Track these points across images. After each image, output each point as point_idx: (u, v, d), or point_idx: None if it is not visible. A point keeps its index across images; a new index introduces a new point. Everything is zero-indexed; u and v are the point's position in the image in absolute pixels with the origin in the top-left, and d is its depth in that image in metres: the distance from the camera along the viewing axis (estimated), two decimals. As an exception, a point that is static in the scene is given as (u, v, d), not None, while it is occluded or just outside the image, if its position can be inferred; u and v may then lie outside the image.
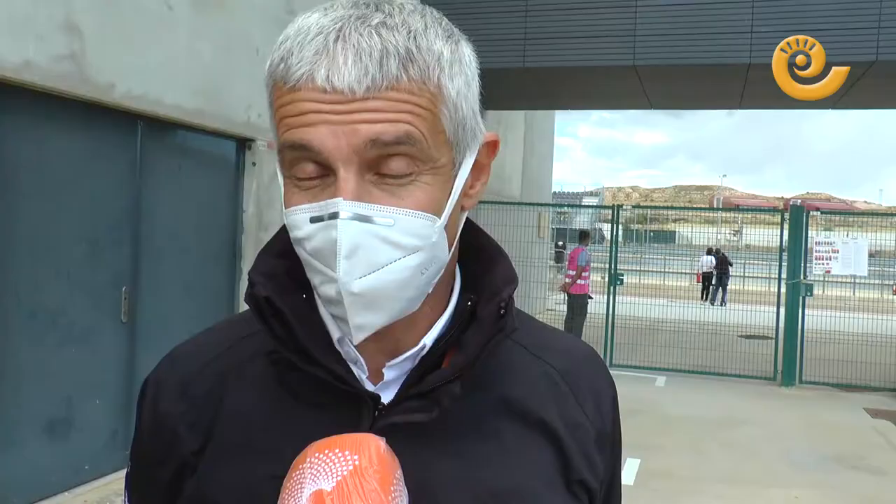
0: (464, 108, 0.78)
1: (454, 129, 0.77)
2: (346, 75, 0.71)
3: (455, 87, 0.77)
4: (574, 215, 32.32)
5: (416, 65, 0.73)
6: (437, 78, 0.75)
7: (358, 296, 0.73)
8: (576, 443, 0.88)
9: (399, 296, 0.76)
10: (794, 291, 10.46)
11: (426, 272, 0.77)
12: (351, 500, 0.69)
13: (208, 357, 0.89)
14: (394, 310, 0.76)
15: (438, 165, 0.76)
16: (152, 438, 0.89)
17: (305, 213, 0.74)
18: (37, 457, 4.93)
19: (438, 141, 0.76)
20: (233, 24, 6.42)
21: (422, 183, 0.75)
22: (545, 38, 10.04)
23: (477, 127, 0.82)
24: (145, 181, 5.73)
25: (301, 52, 0.72)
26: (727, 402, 9.34)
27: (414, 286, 0.76)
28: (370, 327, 0.76)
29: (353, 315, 0.74)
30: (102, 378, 5.40)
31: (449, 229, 0.79)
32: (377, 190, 0.73)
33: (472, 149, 0.82)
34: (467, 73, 0.79)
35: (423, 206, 0.75)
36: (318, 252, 0.74)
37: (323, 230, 0.73)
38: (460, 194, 0.80)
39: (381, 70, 0.71)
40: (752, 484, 6.22)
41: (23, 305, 4.77)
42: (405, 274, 0.75)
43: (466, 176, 0.81)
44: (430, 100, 0.74)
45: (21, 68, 4.55)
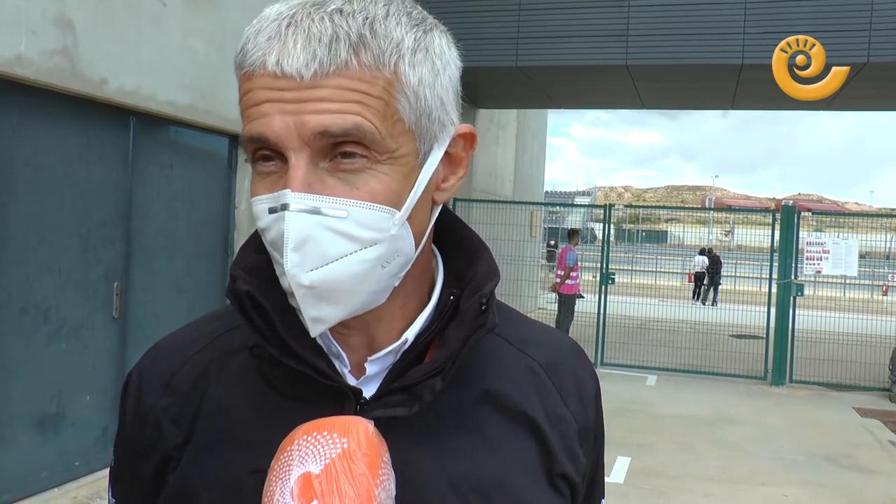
0: (427, 97, 0.77)
1: (416, 118, 0.76)
2: (294, 59, 0.71)
3: (417, 75, 0.75)
4: (566, 214, 32.37)
5: (369, 51, 0.72)
6: (393, 64, 0.73)
7: (309, 288, 0.72)
8: (559, 436, 0.88)
9: (358, 289, 0.75)
10: (785, 291, 10.51)
11: (387, 265, 0.76)
12: (339, 483, 0.69)
13: (192, 350, 0.89)
14: (354, 303, 0.76)
15: (397, 155, 0.75)
16: (135, 432, 0.89)
17: (264, 203, 0.74)
18: (27, 453, 4.91)
19: (396, 130, 0.74)
20: (226, 20, 6.41)
21: (378, 172, 0.74)
22: (538, 37, 10.06)
23: (447, 118, 0.80)
24: (138, 177, 5.71)
25: (256, 39, 0.74)
26: (718, 401, 9.37)
27: (374, 279, 0.76)
28: (327, 320, 0.75)
29: (306, 307, 0.73)
30: (93, 374, 5.38)
31: (415, 222, 0.78)
32: (331, 178, 0.73)
33: (442, 140, 0.80)
34: (435, 63, 0.78)
35: (379, 197, 0.74)
36: (274, 243, 0.74)
37: (276, 222, 0.73)
38: (428, 186, 0.79)
39: (329, 54, 0.71)
40: (741, 482, 6.25)
41: (13, 301, 4.76)
42: (362, 267, 0.74)
43: (435, 168, 0.80)
44: (385, 87, 0.73)
45: (13, 62, 4.53)
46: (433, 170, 0.80)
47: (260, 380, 0.84)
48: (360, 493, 0.69)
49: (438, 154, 0.80)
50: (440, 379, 0.79)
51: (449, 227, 0.90)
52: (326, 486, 0.69)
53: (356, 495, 0.69)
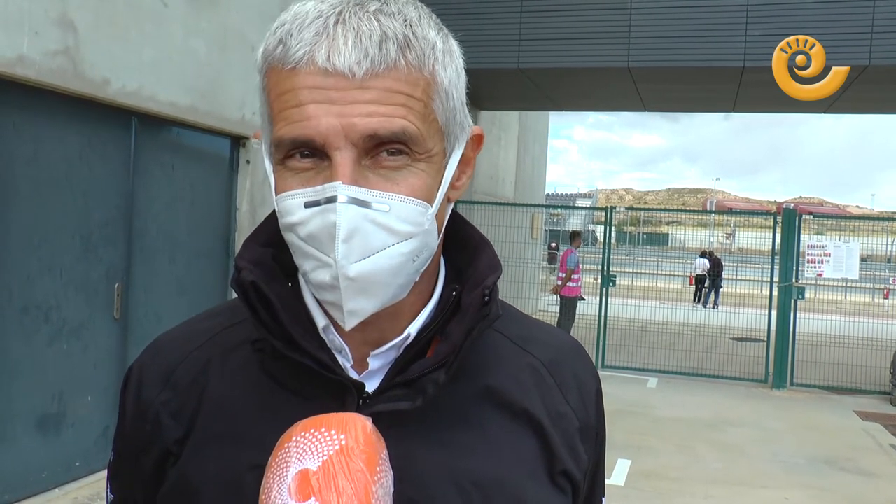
0: (454, 99, 0.80)
1: (446, 118, 0.79)
2: (346, 56, 0.71)
3: (447, 77, 0.78)
4: (567, 217, 32.38)
5: (414, 51, 0.74)
6: (431, 66, 0.76)
7: (353, 280, 0.73)
8: (560, 434, 0.88)
9: (391, 282, 0.76)
10: (786, 294, 10.50)
11: (417, 259, 0.78)
12: (336, 479, 0.69)
13: (192, 346, 0.89)
14: (386, 296, 0.77)
15: (432, 154, 0.77)
16: (135, 426, 0.89)
17: (300, 197, 0.74)
18: (28, 453, 4.91)
19: (432, 130, 0.77)
20: (228, 21, 6.42)
21: (417, 170, 0.76)
22: (540, 39, 10.07)
23: (465, 120, 0.83)
24: (139, 178, 5.72)
25: (301, 34, 0.73)
26: (718, 403, 9.36)
27: (405, 273, 0.77)
28: (362, 313, 0.76)
29: (347, 300, 0.74)
30: (94, 374, 5.39)
31: (438, 218, 0.80)
32: (373, 175, 0.74)
33: (461, 141, 0.83)
34: (457, 65, 0.81)
35: (417, 192, 0.76)
36: (313, 237, 0.74)
37: (319, 214, 0.73)
38: (449, 185, 0.81)
39: (380, 53, 0.72)
40: (742, 485, 6.24)
41: (15, 301, 4.76)
42: (398, 260, 0.75)
43: (455, 167, 0.82)
44: (425, 88, 0.75)
45: (15, 63, 4.54)
46: (454, 168, 0.82)
47: (261, 374, 0.84)
48: (358, 489, 0.70)
49: (458, 153, 0.83)
50: (443, 372, 0.79)
51: (452, 224, 0.90)
52: (324, 482, 0.69)
53: (354, 492, 0.69)
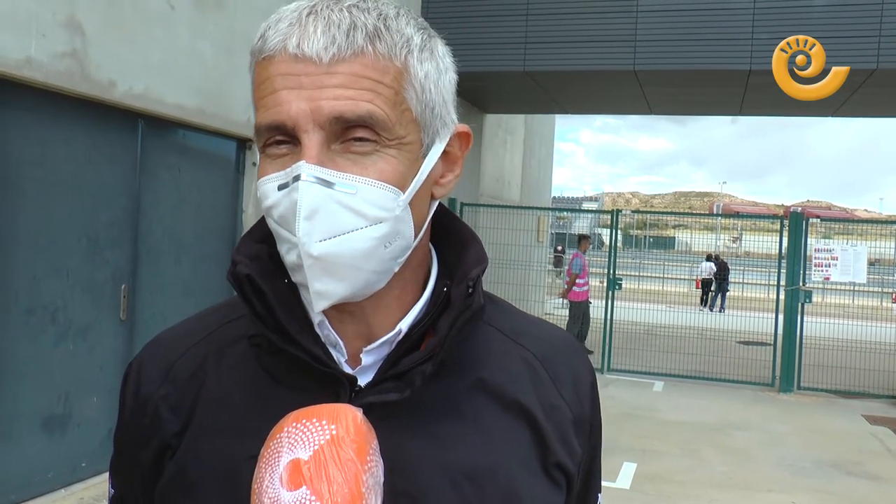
0: (432, 91, 0.81)
1: (421, 109, 0.80)
2: (314, 42, 0.75)
3: (423, 70, 0.80)
4: (573, 220, 32.35)
5: (383, 41, 0.77)
6: (403, 57, 0.78)
7: (317, 259, 0.75)
8: (553, 426, 0.89)
9: (362, 266, 0.77)
10: (793, 298, 10.47)
11: (389, 246, 0.79)
12: (327, 468, 0.71)
13: (191, 341, 0.91)
14: (357, 280, 0.78)
15: (405, 142, 0.79)
16: (134, 421, 0.91)
17: (274, 181, 0.77)
18: (34, 453, 4.93)
19: (404, 118, 0.79)
20: (234, 23, 6.44)
21: (387, 155, 0.77)
22: (546, 42, 10.07)
23: (447, 115, 0.85)
24: (145, 180, 5.74)
25: (277, 26, 0.78)
26: (725, 407, 9.33)
27: (377, 259, 0.78)
28: (331, 295, 0.77)
29: (312, 279, 0.76)
30: (100, 375, 5.40)
31: (416, 210, 0.81)
32: (342, 159, 0.76)
33: (443, 136, 0.84)
34: (439, 63, 0.83)
35: (387, 177, 0.77)
36: (283, 218, 0.76)
37: (287, 195, 0.75)
38: (429, 179, 0.83)
39: (347, 39, 0.75)
40: (748, 489, 6.22)
41: (21, 302, 4.78)
42: (368, 244, 0.76)
43: (436, 161, 0.83)
44: (395, 77, 0.78)
45: (23, 65, 4.56)
46: (434, 162, 0.83)
47: (257, 369, 0.86)
48: (349, 478, 0.71)
49: (440, 148, 0.84)
50: (430, 363, 0.81)
51: (443, 222, 0.93)
52: (315, 471, 0.70)
53: (344, 480, 0.70)
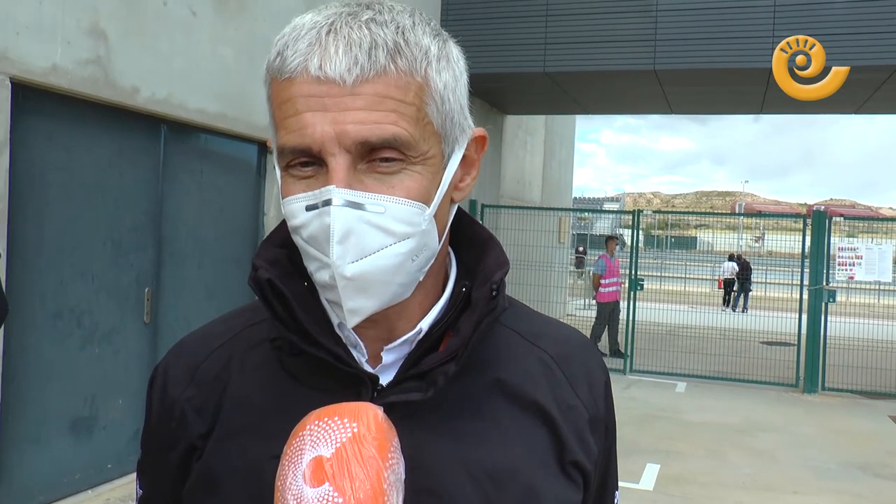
0: (451, 102, 0.82)
1: (442, 121, 0.81)
2: (337, 64, 0.74)
3: (442, 81, 0.80)
4: (595, 221, 32.22)
5: (404, 57, 0.77)
6: (424, 70, 0.78)
7: (350, 280, 0.76)
8: (569, 425, 0.90)
9: (390, 280, 0.79)
10: (816, 298, 10.37)
11: (416, 259, 0.80)
12: (349, 465, 0.72)
13: (214, 345, 0.93)
14: (386, 294, 0.79)
15: (428, 157, 0.80)
16: (161, 423, 0.93)
17: (301, 201, 0.78)
18: (61, 455, 5.00)
19: (426, 133, 0.79)
20: (255, 28, 6.49)
21: (412, 172, 0.78)
22: (565, 42, 10.05)
23: (465, 122, 0.85)
24: (168, 184, 5.80)
25: (296, 45, 0.77)
26: (748, 408, 9.26)
27: (405, 272, 0.80)
28: (363, 311, 0.79)
29: (346, 299, 0.77)
30: (125, 378, 5.46)
31: (439, 219, 0.83)
32: (368, 179, 0.77)
33: (461, 143, 0.85)
34: (455, 70, 0.83)
35: (413, 194, 0.78)
36: (314, 239, 0.77)
37: (317, 217, 0.76)
38: (449, 186, 0.84)
39: (369, 60, 0.75)
40: (773, 490, 6.17)
41: (48, 306, 4.85)
42: (396, 259, 0.78)
43: (455, 168, 0.85)
44: (417, 92, 0.78)
45: (49, 72, 4.63)
46: (454, 170, 0.84)
47: (280, 371, 0.87)
48: (371, 474, 0.72)
49: (459, 155, 0.85)
50: (453, 364, 0.82)
51: (460, 224, 0.94)
52: (337, 468, 0.72)
53: (366, 477, 0.72)
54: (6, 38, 4.36)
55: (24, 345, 4.68)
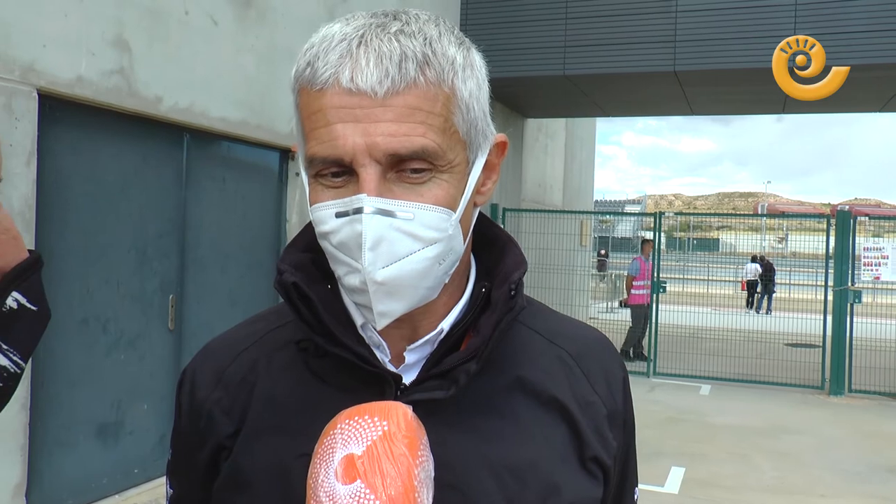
0: (475, 109, 0.84)
1: (467, 129, 0.83)
2: (368, 76, 0.76)
3: (468, 90, 0.82)
4: (616, 223, 32.07)
5: (432, 68, 0.79)
6: (451, 80, 0.80)
7: (381, 284, 0.79)
8: (588, 420, 0.92)
9: (419, 284, 0.81)
10: (841, 298, 10.26)
11: (443, 263, 0.83)
12: (381, 463, 0.74)
13: (241, 347, 0.96)
14: (414, 297, 0.82)
15: (455, 164, 0.82)
16: (190, 424, 0.95)
17: (331, 208, 0.80)
18: (89, 459, 5.06)
19: (453, 141, 0.81)
20: (276, 36, 6.54)
21: (440, 181, 0.81)
22: (585, 45, 10.04)
23: (488, 128, 0.87)
24: (191, 192, 5.85)
25: (326, 57, 0.78)
26: (773, 411, 9.18)
27: (433, 276, 0.82)
28: (392, 314, 0.81)
29: (376, 303, 0.80)
30: (150, 384, 5.52)
31: (463, 223, 0.85)
32: (397, 187, 0.79)
33: (484, 149, 0.88)
34: (478, 77, 0.85)
35: (441, 201, 0.81)
36: (344, 245, 0.79)
37: (348, 224, 0.78)
38: (473, 191, 0.86)
39: (400, 72, 0.77)
40: (800, 493, 6.12)
41: (75, 312, 4.91)
42: (425, 264, 0.80)
43: (479, 174, 0.87)
44: (445, 103, 0.80)
45: (74, 83, 4.70)
46: (478, 175, 0.86)
47: (305, 372, 0.90)
48: (401, 472, 0.74)
49: (482, 161, 0.87)
50: (475, 362, 0.84)
51: (480, 227, 0.95)
52: (369, 465, 0.74)
53: (397, 474, 0.73)
54: (33, 50, 4.44)
55: (53, 351, 4.75)
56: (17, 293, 0.67)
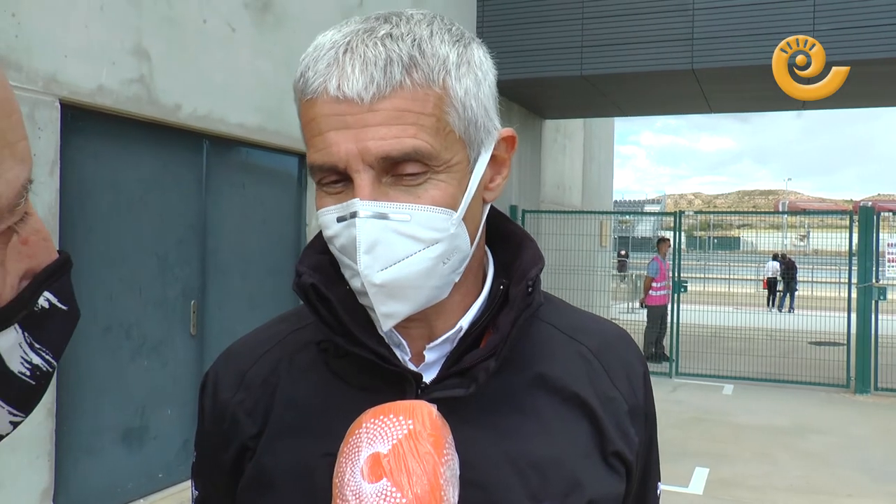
0: (473, 107, 0.83)
1: (465, 127, 0.82)
2: (354, 83, 0.77)
3: (463, 87, 0.81)
4: (636, 223, 31.94)
5: (420, 70, 0.78)
6: (442, 80, 0.80)
7: (380, 287, 0.79)
8: (610, 416, 0.92)
9: (423, 284, 0.81)
10: (865, 296, 10.15)
11: (448, 262, 0.82)
12: (406, 461, 0.74)
13: (262, 349, 0.97)
14: (419, 298, 0.82)
15: (452, 164, 0.81)
16: (214, 427, 0.96)
17: (332, 213, 0.81)
18: (114, 465, 5.10)
19: (448, 141, 0.81)
20: (293, 41, 6.58)
21: (437, 181, 0.80)
22: (602, 45, 10.01)
23: (490, 124, 0.86)
24: (211, 198, 5.90)
25: (316, 66, 0.80)
26: (798, 410, 9.10)
27: (437, 275, 0.82)
28: (397, 315, 0.82)
29: (378, 304, 0.80)
30: (174, 389, 5.56)
31: (469, 221, 0.84)
32: (393, 191, 0.80)
33: (487, 145, 0.87)
34: (477, 74, 0.84)
35: (439, 202, 0.80)
36: (344, 248, 0.81)
37: (346, 229, 0.79)
38: (478, 188, 0.86)
39: (385, 76, 0.77)
40: (826, 493, 6.05)
41: (99, 319, 4.96)
42: (427, 264, 0.80)
43: (483, 171, 0.86)
44: (436, 103, 0.79)
45: (95, 93, 4.75)
46: (482, 172, 0.86)
47: (327, 372, 0.91)
48: (427, 470, 0.74)
49: (486, 158, 0.87)
50: (494, 360, 0.84)
51: (496, 223, 0.96)
52: (395, 464, 0.74)
53: (423, 472, 0.73)
54: (55, 61, 4.49)
55: (78, 358, 4.80)
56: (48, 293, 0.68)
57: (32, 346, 0.68)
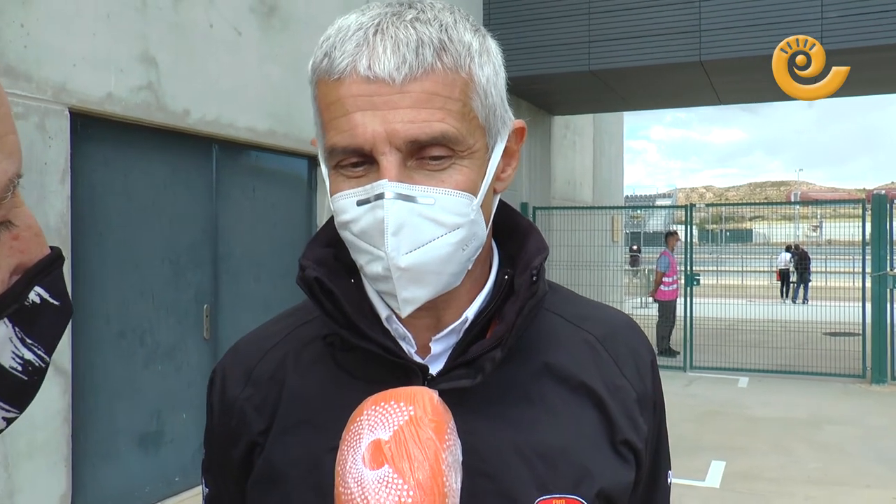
0: (493, 95, 0.83)
1: (486, 114, 0.83)
2: (385, 63, 0.76)
3: (485, 75, 0.82)
4: (648, 218, 31.84)
5: (449, 54, 0.78)
6: (468, 66, 0.80)
7: (405, 270, 0.78)
8: (618, 404, 0.92)
9: (442, 270, 0.81)
10: (880, 285, 10.08)
11: (467, 248, 0.82)
12: (408, 447, 0.74)
13: (268, 345, 0.97)
14: (439, 284, 0.82)
15: (474, 150, 0.82)
16: (222, 422, 0.97)
17: (352, 197, 0.80)
18: (131, 469, 5.13)
19: (472, 127, 0.81)
20: (300, 44, 6.59)
21: (460, 166, 0.81)
22: (609, 39, 9.99)
23: (506, 114, 0.87)
24: (222, 202, 5.92)
25: (343, 46, 0.79)
26: (814, 401, 9.04)
27: (456, 261, 0.82)
28: (417, 301, 0.81)
29: (400, 289, 0.80)
30: (188, 393, 5.58)
31: (484, 209, 0.85)
32: (417, 174, 0.79)
33: (503, 135, 0.87)
34: (494, 63, 0.85)
35: (462, 186, 0.80)
36: (365, 233, 0.79)
37: (370, 211, 0.78)
38: (493, 177, 0.86)
39: (417, 58, 0.76)
40: (844, 484, 6.02)
41: (112, 325, 4.99)
42: (448, 249, 0.80)
43: (498, 160, 0.87)
44: (462, 88, 0.80)
45: (104, 100, 4.77)
46: (497, 161, 0.86)
47: (333, 366, 0.91)
48: (429, 456, 0.74)
49: (501, 147, 0.87)
50: (499, 350, 0.84)
51: (501, 214, 0.95)
52: (396, 450, 0.74)
53: (425, 458, 0.73)
54: (65, 70, 4.52)
55: (92, 364, 4.83)
56: (39, 288, 0.68)
57: (24, 341, 0.68)
